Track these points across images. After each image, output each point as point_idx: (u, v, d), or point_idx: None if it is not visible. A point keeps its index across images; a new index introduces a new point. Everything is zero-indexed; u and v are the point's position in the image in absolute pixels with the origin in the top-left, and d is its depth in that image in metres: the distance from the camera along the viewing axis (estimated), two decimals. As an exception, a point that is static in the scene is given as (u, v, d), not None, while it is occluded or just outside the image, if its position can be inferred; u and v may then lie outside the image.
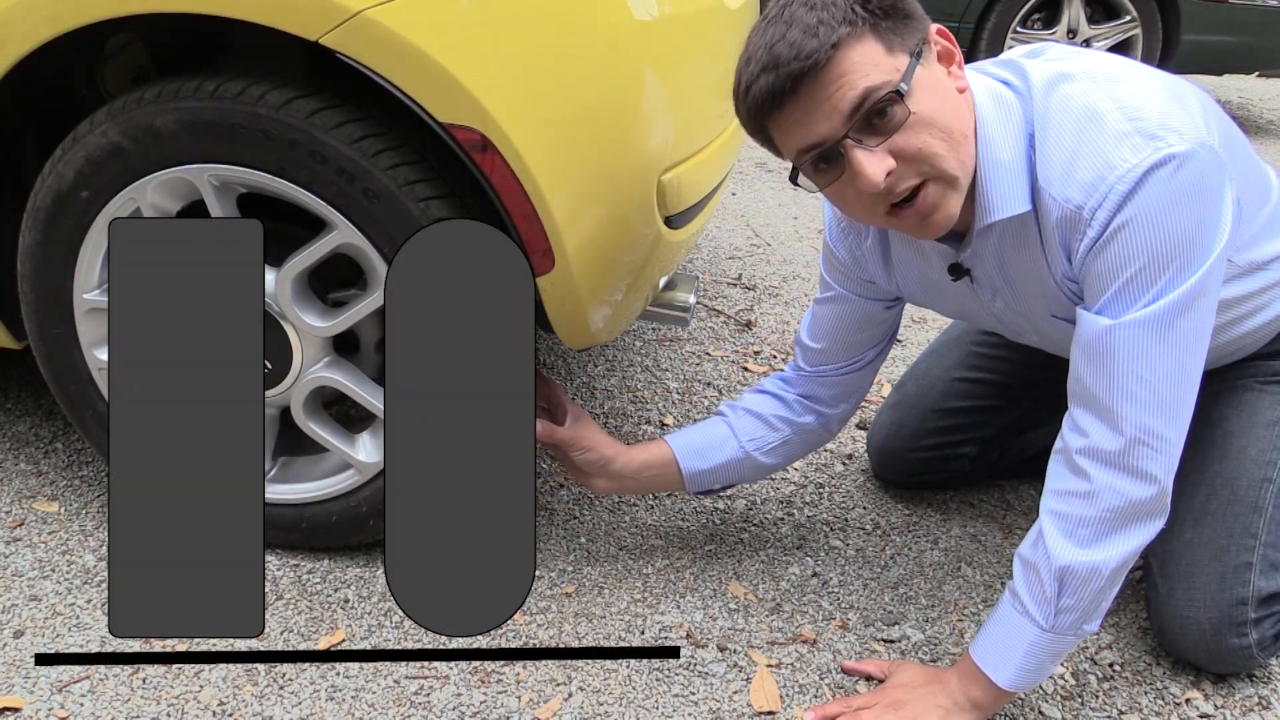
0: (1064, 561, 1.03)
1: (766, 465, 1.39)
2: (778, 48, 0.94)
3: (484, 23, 1.05)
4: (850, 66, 0.93)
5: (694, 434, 1.38)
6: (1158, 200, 0.95)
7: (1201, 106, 1.02)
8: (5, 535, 1.40)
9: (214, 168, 1.17)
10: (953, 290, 1.22)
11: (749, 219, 3.02)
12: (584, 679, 1.19)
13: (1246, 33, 4.27)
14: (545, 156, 1.09)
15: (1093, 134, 0.98)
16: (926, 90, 0.97)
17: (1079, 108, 1.00)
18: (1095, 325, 1.01)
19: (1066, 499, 1.05)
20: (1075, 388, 1.06)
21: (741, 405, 1.39)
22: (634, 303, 1.31)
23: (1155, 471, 1.02)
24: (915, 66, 0.96)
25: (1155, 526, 1.05)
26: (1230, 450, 1.24)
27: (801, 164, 1.01)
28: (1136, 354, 0.99)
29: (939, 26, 1.01)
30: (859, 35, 0.94)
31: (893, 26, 0.95)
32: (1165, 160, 0.95)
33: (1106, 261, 0.99)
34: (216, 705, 1.12)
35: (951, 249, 1.15)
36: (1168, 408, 1.01)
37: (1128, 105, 0.98)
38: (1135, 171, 0.95)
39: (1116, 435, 1.01)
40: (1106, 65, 1.04)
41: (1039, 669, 1.08)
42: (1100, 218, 0.97)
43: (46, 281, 1.27)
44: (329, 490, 1.34)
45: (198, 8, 1.06)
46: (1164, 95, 1.00)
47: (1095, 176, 0.97)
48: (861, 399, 1.42)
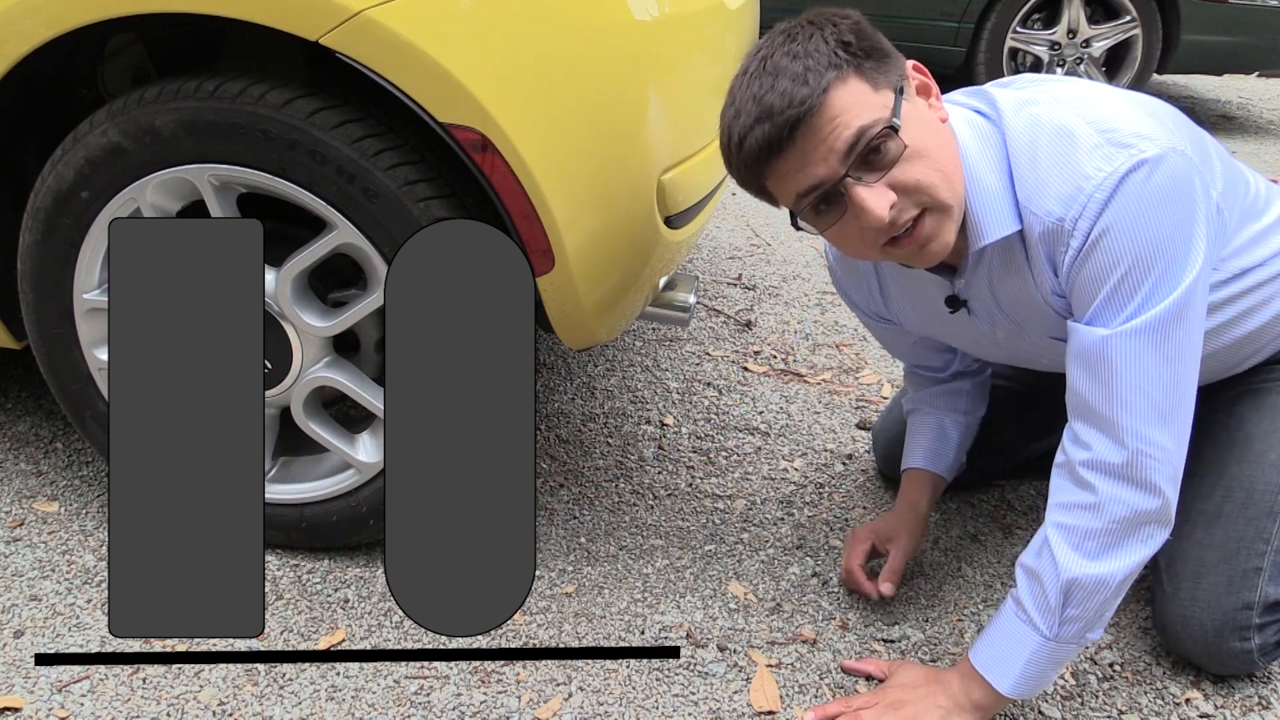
0: (1072, 574, 1.03)
1: (979, 415, 1.47)
2: (768, 99, 0.96)
3: (484, 23, 1.05)
4: (842, 108, 0.95)
5: (922, 443, 1.43)
6: (1135, 204, 0.97)
7: (1171, 117, 1.05)
8: (5, 535, 1.40)
9: (214, 168, 1.17)
10: (953, 322, 1.23)
11: (749, 219, 3.02)
12: (584, 679, 1.19)
13: (1246, 33, 4.26)
14: (545, 156, 1.09)
15: (1066, 149, 1.00)
16: (915, 124, 0.99)
17: (1050, 126, 1.02)
18: (1090, 336, 1.01)
19: (1072, 511, 1.05)
20: (1073, 401, 1.06)
21: (919, 399, 1.46)
22: (634, 303, 1.31)
23: (1159, 482, 1.02)
24: (900, 102, 0.98)
25: (1161, 538, 1.05)
26: (1250, 454, 1.24)
27: (801, 208, 1.02)
28: (1133, 365, 0.99)
29: (914, 62, 1.03)
30: (845, 77, 0.95)
31: (875, 66, 0.97)
32: (1138, 165, 0.96)
33: (1091, 270, 1.00)
34: (216, 705, 1.12)
35: (946, 281, 1.16)
36: (1166, 417, 1.01)
37: (1097, 119, 1.00)
38: (1111, 179, 0.96)
39: (1120, 448, 1.01)
40: (1072, 89, 1.07)
41: (1040, 677, 1.08)
42: (1082, 227, 0.99)
43: (46, 281, 1.27)
44: (329, 490, 1.34)
45: (198, 8, 1.06)
46: (1131, 107, 1.02)
47: (1073, 188, 0.99)
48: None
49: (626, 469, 1.65)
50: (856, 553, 1.36)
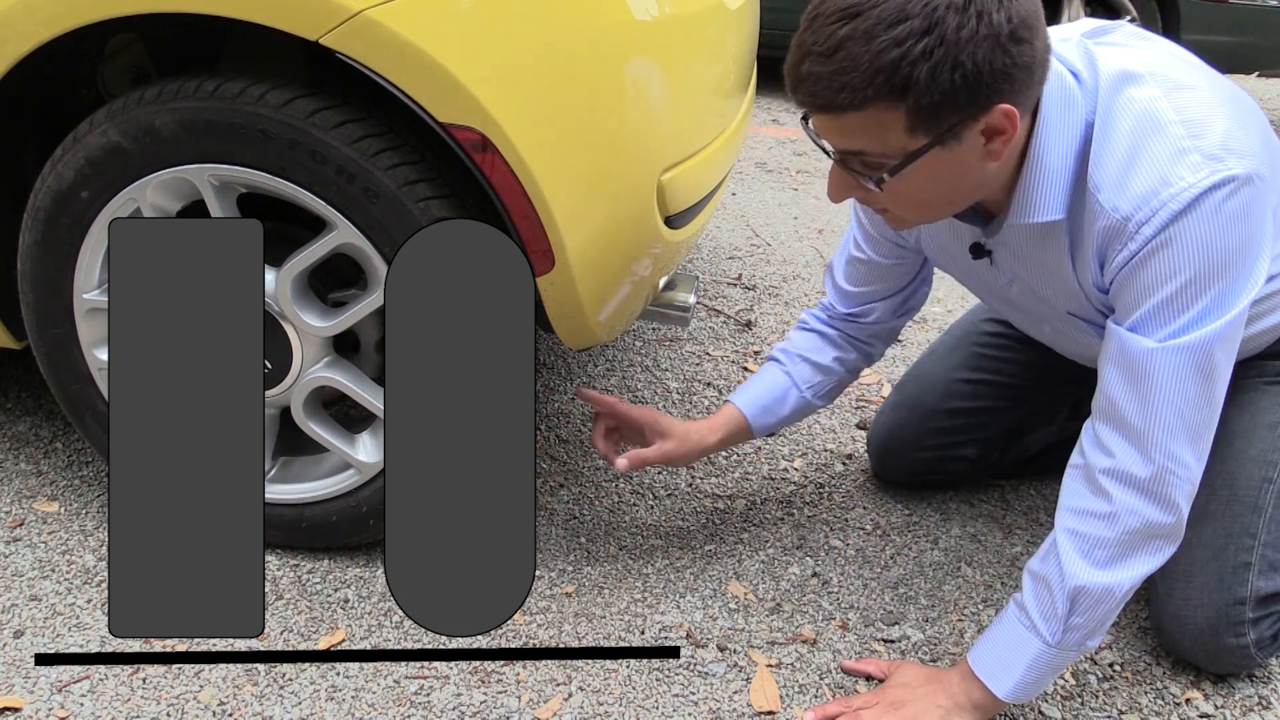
0: (1079, 582, 1.03)
1: (820, 405, 1.46)
2: (821, 68, 0.89)
3: (484, 23, 1.05)
4: (857, 124, 0.92)
5: (759, 390, 1.42)
6: (1207, 222, 0.93)
7: (1260, 125, 1.01)
8: (5, 535, 1.40)
9: (214, 168, 1.17)
10: (972, 266, 1.22)
11: (749, 219, 3.02)
12: (584, 679, 1.19)
13: (1246, 33, 4.26)
14: (545, 156, 1.09)
15: (1152, 145, 0.96)
16: (924, 174, 0.95)
17: (1141, 114, 0.97)
18: (1135, 345, 0.99)
19: (1085, 518, 1.04)
20: (1104, 404, 1.03)
21: (795, 352, 1.44)
22: (634, 303, 1.32)
23: (1178, 499, 1.01)
24: (927, 151, 0.93)
25: (1169, 552, 1.05)
26: (1232, 450, 1.24)
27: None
28: (1176, 382, 0.97)
29: (1008, 108, 0.91)
30: (889, 106, 0.89)
31: (933, 112, 0.89)
32: (1222, 183, 0.93)
33: (1146, 277, 0.97)
34: (216, 705, 1.13)
35: (979, 229, 1.14)
36: (1195, 434, 1.00)
37: (1191, 119, 0.96)
38: (1191, 191, 0.93)
39: (1147, 462, 1.00)
40: (1174, 66, 1.01)
41: (1039, 682, 1.08)
42: (1145, 233, 0.95)
43: (46, 281, 1.27)
44: (329, 490, 1.34)
45: (198, 8, 1.06)
46: (1228, 111, 0.97)
47: (1149, 190, 0.95)
48: (894, 338, 1.48)
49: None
50: (602, 425, 1.39)
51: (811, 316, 1.46)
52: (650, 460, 1.34)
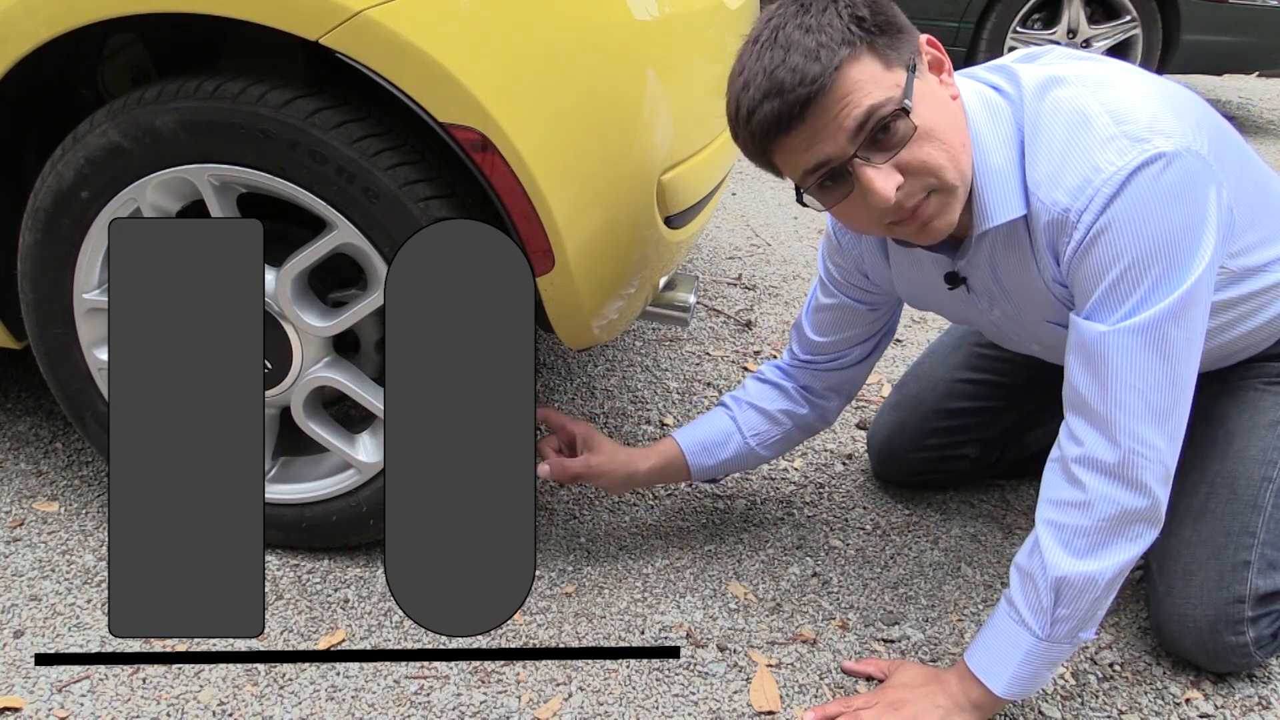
0: (1060, 572, 1.04)
1: (765, 457, 1.44)
2: (779, 74, 0.94)
3: (484, 23, 1.05)
4: (852, 86, 0.94)
5: (701, 430, 1.41)
6: (1141, 201, 0.95)
7: (1195, 112, 1.02)
8: (5, 535, 1.40)
9: (214, 168, 1.17)
10: (950, 298, 1.23)
11: (749, 219, 3.02)
12: (584, 679, 1.19)
13: (1246, 33, 4.27)
14: (545, 156, 1.09)
15: (1081, 138, 0.99)
16: (926, 103, 0.97)
17: (1068, 111, 1.00)
18: (1089, 331, 1.01)
19: (1062, 509, 1.05)
20: (1070, 394, 1.05)
21: (745, 399, 1.42)
22: (634, 303, 1.32)
23: (1150, 482, 1.02)
24: (913, 80, 0.96)
25: (1150, 537, 1.05)
26: (1231, 449, 1.24)
27: (808, 185, 1.01)
28: (1129, 362, 0.99)
29: (928, 37, 1.01)
30: (858, 54, 0.94)
31: (888, 42, 0.95)
32: (1150, 161, 0.95)
33: (1091, 264, 0.99)
34: (216, 705, 1.13)
35: (947, 258, 1.15)
36: (1160, 416, 1.00)
37: (1116, 109, 0.98)
38: (1120, 174, 0.95)
39: (1113, 446, 1.01)
40: (1101, 70, 1.04)
41: (1035, 677, 1.08)
42: (1085, 220, 0.98)
43: (46, 281, 1.27)
44: (329, 490, 1.34)
45: (198, 8, 1.06)
46: (1156, 99, 1.00)
47: (1082, 180, 0.98)
48: (855, 394, 1.45)
49: (626, 469, 1.65)
50: (552, 441, 1.39)
51: (769, 368, 1.44)
52: (572, 469, 1.34)
